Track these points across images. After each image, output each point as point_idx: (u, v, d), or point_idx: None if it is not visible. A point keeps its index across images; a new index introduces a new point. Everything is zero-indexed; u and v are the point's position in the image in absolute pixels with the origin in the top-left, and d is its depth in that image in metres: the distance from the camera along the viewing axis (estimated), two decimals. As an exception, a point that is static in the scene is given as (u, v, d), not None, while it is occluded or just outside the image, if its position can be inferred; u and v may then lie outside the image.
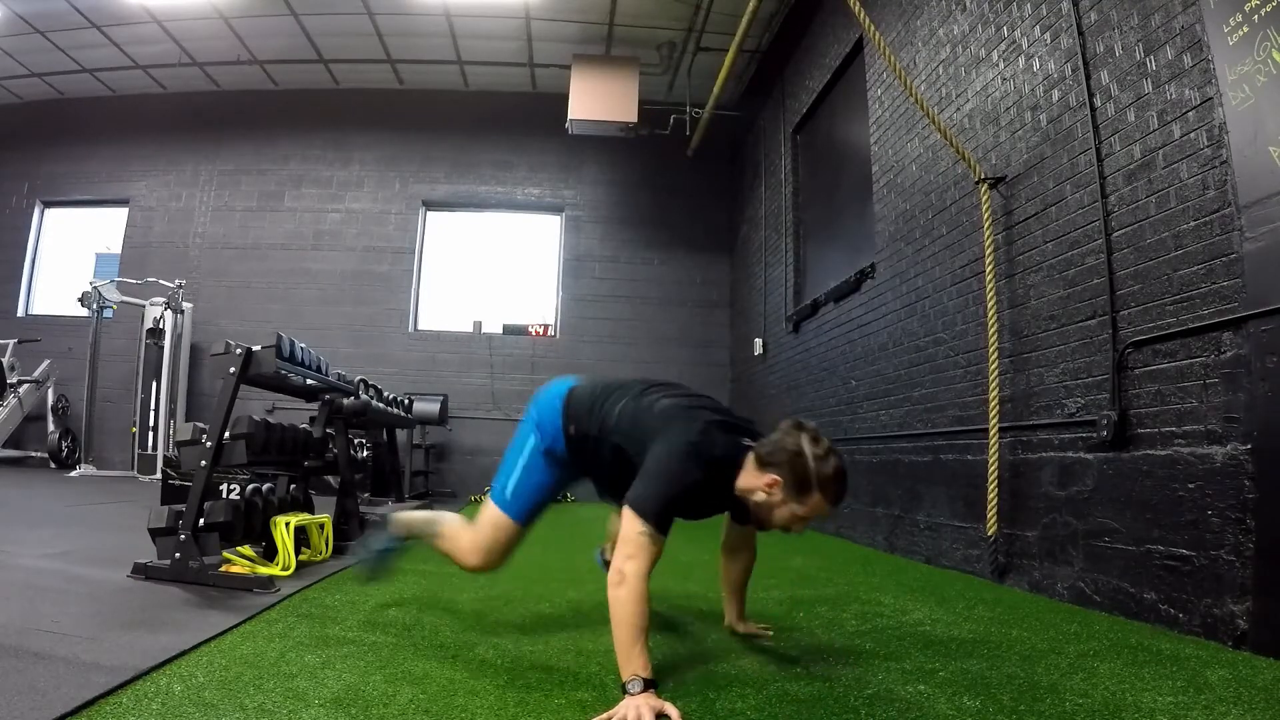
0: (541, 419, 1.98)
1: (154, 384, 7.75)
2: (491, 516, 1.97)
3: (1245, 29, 2.21)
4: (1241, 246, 2.22)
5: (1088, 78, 2.96)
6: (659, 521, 1.60)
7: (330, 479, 5.30)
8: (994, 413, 3.39)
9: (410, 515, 2.25)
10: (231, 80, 9.06)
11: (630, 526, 1.59)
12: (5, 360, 7.80)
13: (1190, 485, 2.36)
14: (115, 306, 8.00)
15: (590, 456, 1.93)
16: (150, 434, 7.66)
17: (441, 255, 9.32)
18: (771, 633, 2.15)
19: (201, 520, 2.60)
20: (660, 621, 2.30)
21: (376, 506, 5.18)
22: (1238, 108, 2.24)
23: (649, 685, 1.47)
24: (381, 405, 4.20)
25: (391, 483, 5.27)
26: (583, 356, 8.82)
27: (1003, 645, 2.13)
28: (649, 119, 7.98)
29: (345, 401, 3.72)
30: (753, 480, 1.70)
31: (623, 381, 2.00)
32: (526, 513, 1.98)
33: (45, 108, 9.34)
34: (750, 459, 1.73)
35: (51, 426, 8.30)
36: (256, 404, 6.89)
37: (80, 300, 7.68)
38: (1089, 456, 2.85)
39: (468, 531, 2.02)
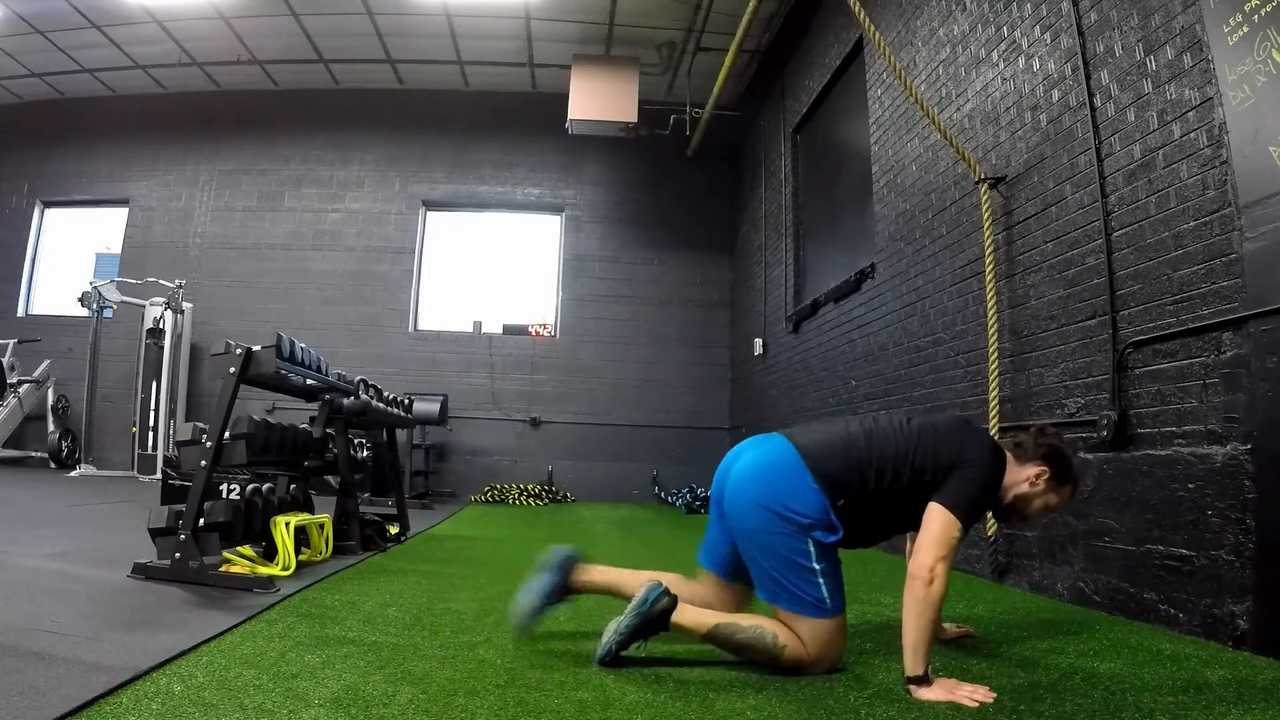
0: (804, 510, 1.75)
1: (154, 384, 7.75)
2: (825, 626, 1.75)
3: (1245, 29, 2.21)
4: (1241, 246, 2.22)
5: (1088, 78, 2.96)
6: (969, 523, 1.74)
7: (330, 479, 5.30)
8: (994, 413, 3.39)
9: (714, 622, 1.81)
10: (231, 80, 9.06)
11: (946, 529, 1.68)
12: (5, 360, 7.79)
13: (1190, 485, 2.36)
14: (115, 306, 8.00)
15: (866, 516, 1.81)
16: (150, 434, 7.66)
17: (441, 255, 9.31)
18: (973, 631, 2.21)
19: (201, 520, 2.60)
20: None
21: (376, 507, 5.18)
22: (1238, 108, 2.24)
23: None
24: (381, 405, 4.19)
25: (392, 483, 5.26)
26: (583, 356, 8.82)
27: (1003, 645, 2.13)
28: (649, 119, 7.98)
29: (345, 401, 3.72)
30: (1017, 474, 1.85)
31: (848, 422, 1.90)
32: (844, 599, 1.80)
33: (45, 108, 9.34)
34: (1009, 457, 1.86)
35: (51, 426, 8.29)
36: (256, 404, 6.89)
37: (80, 300, 7.68)
38: (1089, 456, 2.84)
39: (803, 646, 1.77)
